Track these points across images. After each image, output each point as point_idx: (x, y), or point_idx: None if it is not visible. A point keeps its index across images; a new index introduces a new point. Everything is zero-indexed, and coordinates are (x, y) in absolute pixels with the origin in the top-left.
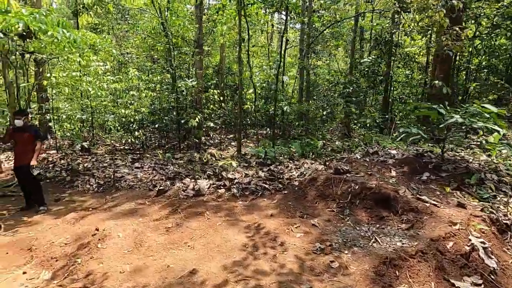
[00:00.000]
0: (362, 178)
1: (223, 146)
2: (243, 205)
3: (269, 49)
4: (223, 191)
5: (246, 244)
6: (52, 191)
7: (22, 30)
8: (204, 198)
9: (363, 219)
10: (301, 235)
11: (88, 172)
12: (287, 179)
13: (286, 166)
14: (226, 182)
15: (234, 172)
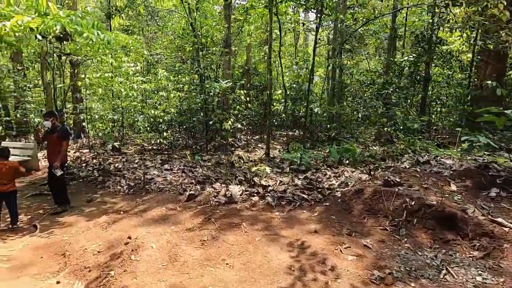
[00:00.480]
0: (417, 193)
1: (250, 148)
2: (281, 216)
3: (296, 48)
4: (256, 199)
5: (291, 266)
6: (85, 190)
7: (59, 32)
8: (237, 206)
9: (424, 242)
10: (353, 258)
11: (119, 173)
12: (327, 189)
13: (324, 173)
14: (259, 189)
15: (267, 178)
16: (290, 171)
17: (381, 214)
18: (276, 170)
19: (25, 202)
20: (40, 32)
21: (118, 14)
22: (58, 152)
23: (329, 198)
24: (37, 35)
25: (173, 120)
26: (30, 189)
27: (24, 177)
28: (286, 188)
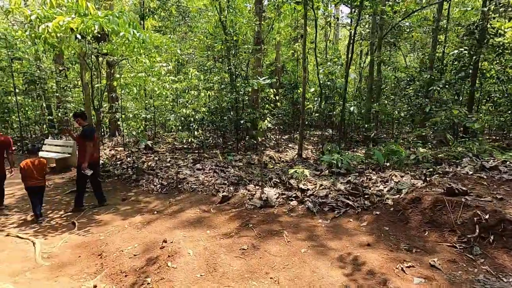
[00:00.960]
0: (491, 204)
1: (281, 148)
2: (325, 225)
3: (326, 45)
4: (295, 204)
5: (347, 286)
6: (120, 188)
7: (97, 32)
8: (274, 210)
9: (508, 265)
10: (420, 281)
11: (152, 172)
12: (375, 195)
13: (369, 177)
14: (297, 193)
15: (305, 181)
16: (329, 174)
17: (446, 228)
18: (313, 172)
19: (65, 198)
20: (79, 32)
21: (151, 15)
22: (84, 152)
23: (378, 206)
24: (77, 35)
25: (204, 119)
26: (69, 185)
27: (64, 174)
28: (327, 193)
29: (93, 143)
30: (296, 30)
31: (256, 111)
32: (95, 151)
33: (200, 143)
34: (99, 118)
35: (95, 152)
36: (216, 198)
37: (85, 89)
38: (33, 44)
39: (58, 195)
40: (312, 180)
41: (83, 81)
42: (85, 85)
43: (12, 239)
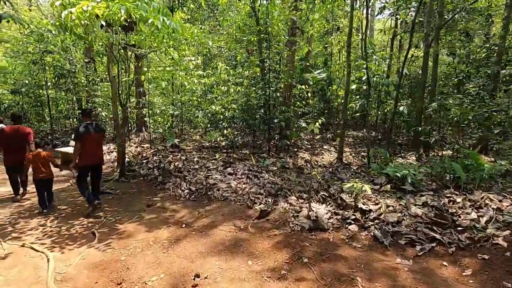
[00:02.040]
0: None
1: (317, 150)
2: (408, 268)
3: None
4: (355, 229)
5: None
6: (145, 192)
7: (124, 20)
8: (329, 236)
9: None
10: None
11: (179, 174)
12: (473, 228)
13: (451, 200)
14: (356, 214)
15: (364, 198)
16: (392, 190)
17: None
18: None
19: None
20: (105, 19)
21: (181, 8)
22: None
23: (483, 246)
24: (102, 22)
25: (235, 117)
26: None
27: None
28: (400, 219)
29: (82, 143)
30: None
31: (290, 109)
32: (94, 151)
33: (230, 143)
34: (126, 113)
35: (92, 153)
36: (252, 212)
37: (112, 83)
38: (59, 34)
39: (81, 196)
40: (372, 198)
41: (110, 74)
42: (112, 78)
43: (27, 251)
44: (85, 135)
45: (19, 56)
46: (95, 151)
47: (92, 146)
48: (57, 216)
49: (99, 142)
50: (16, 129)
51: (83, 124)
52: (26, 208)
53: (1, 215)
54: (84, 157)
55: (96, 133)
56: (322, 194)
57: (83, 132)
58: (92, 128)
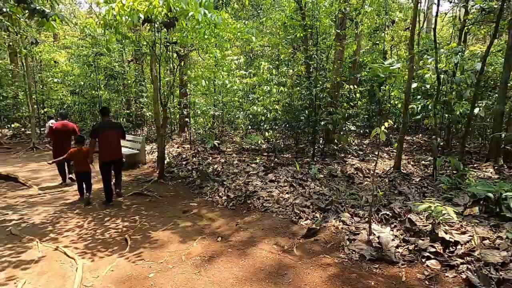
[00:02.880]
0: None
1: (368, 157)
2: None
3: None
4: (436, 266)
5: None
6: (182, 195)
7: (165, 14)
8: (400, 272)
9: None
10: None
11: (218, 179)
12: None
13: None
14: (435, 245)
15: (445, 225)
16: (482, 215)
17: None
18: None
19: (126, 202)
20: (146, 16)
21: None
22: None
23: None
24: (141, 14)
25: (278, 119)
26: (133, 185)
27: (132, 171)
28: (506, 259)
29: (93, 142)
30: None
31: (340, 111)
32: (110, 148)
33: (272, 146)
34: (166, 113)
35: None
36: (297, 228)
37: (154, 82)
38: (105, 33)
39: (120, 197)
40: (454, 224)
41: (153, 73)
42: (154, 77)
43: (59, 256)
44: (101, 132)
45: (77, 60)
46: (113, 148)
47: (109, 143)
48: (95, 216)
49: (117, 139)
50: (63, 124)
51: (101, 122)
52: (69, 206)
53: (44, 213)
54: (103, 154)
55: (113, 131)
56: (384, 213)
57: (99, 129)
58: (109, 126)
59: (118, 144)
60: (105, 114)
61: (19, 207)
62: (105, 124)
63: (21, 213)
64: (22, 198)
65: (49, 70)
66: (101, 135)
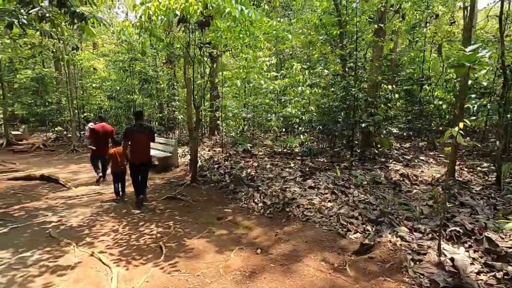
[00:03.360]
0: None
1: (413, 162)
2: None
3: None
4: None
5: None
6: (216, 200)
7: (200, 12)
8: None
9: None
10: None
11: (252, 184)
12: None
13: None
14: None
15: None
16: None
17: None
18: None
19: (160, 206)
20: (182, 15)
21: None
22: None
23: None
24: (177, 11)
25: (313, 121)
26: (166, 188)
27: (165, 174)
28: None
29: (125, 143)
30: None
31: (381, 112)
32: (139, 150)
33: (307, 150)
34: (199, 116)
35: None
36: (346, 242)
37: (187, 85)
38: (140, 36)
39: (154, 200)
40: None
41: (186, 75)
42: (188, 80)
43: (94, 263)
44: (132, 135)
45: (114, 66)
46: (142, 150)
47: (139, 145)
48: (129, 221)
49: (146, 142)
50: (102, 126)
51: (133, 125)
52: (105, 209)
53: (82, 215)
54: (133, 155)
55: (143, 134)
56: (453, 229)
57: (130, 132)
58: (140, 129)
59: (147, 146)
60: (139, 118)
61: (59, 209)
62: (137, 127)
63: (60, 214)
64: (61, 199)
65: (88, 77)
66: (132, 137)
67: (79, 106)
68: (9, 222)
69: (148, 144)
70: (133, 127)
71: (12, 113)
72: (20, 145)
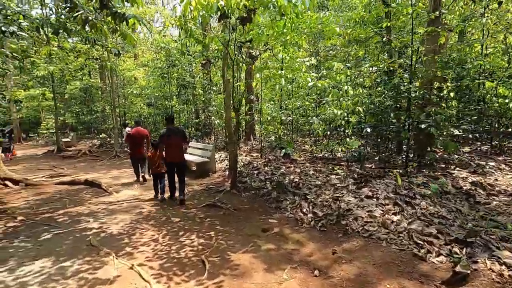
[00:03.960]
0: None
1: (482, 168)
2: None
3: None
4: None
5: None
6: (258, 209)
7: (243, 6)
8: None
9: None
10: None
11: (298, 192)
12: None
13: None
14: None
15: None
16: None
17: None
18: None
19: (199, 214)
20: (223, 10)
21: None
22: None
23: None
24: (222, 2)
25: (362, 122)
26: (205, 195)
27: (202, 179)
28: None
29: (161, 146)
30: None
31: (442, 111)
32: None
33: (356, 155)
34: (238, 119)
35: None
36: (427, 268)
37: (226, 86)
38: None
39: (194, 207)
40: None
41: (225, 76)
42: (227, 81)
43: (133, 277)
44: (166, 137)
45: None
46: (176, 151)
47: (172, 147)
48: (169, 230)
49: (179, 143)
50: (138, 130)
51: (166, 129)
52: (144, 216)
53: (122, 222)
54: (167, 156)
55: (175, 136)
56: None
57: (164, 135)
58: (172, 132)
59: (180, 148)
60: (170, 122)
61: (100, 215)
62: (169, 131)
63: (101, 221)
64: (103, 204)
65: (130, 86)
66: (166, 140)
67: (120, 114)
68: (53, 227)
69: (181, 145)
70: (166, 131)
71: (63, 122)
72: (69, 151)
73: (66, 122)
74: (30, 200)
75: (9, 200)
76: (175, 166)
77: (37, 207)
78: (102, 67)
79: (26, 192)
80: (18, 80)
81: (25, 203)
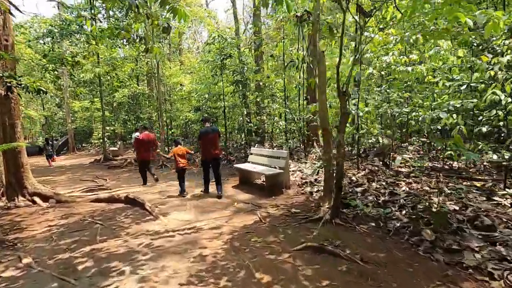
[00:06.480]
0: None
1: None
2: None
3: None
4: None
5: None
6: (404, 260)
7: None
8: None
9: None
10: None
11: (475, 233)
12: None
13: None
14: None
15: None
16: None
17: None
18: None
19: (301, 267)
20: None
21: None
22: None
23: None
24: None
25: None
26: (292, 225)
27: (276, 197)
28: None
29: (201, 143)
30: None
31: None
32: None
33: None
34: (346, 109)
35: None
36: None
37: (318, 63)
38: None
39: (284, 250)
40: None
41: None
42: (320, 54)
43: None
44: (203, 136)
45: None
46: (211, 149)
47: (208, 144)
48: None
49: (214, 141)
50: (147, 135)
51: (202, 129)
52: (209, 264)
53: (174, 278)
54: (203, 153)
55: (210, 135)
56: None
57: (202, 134)
58: (208, 131)
59: (215, 145)
60: (206, 122)
61: (140, 258)
62: (205, 130)
63: (141, 274)
64: (146, 237)
65: (176, 93)
66: (203, 138)
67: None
68: (67, 285)
69: (216, 143)
70: (202, 131)
71: (113, 131)
72: (115, 160)
73: (116, 131)
74: (53, 226)
75: (29, 225)
76: (212, 161)
77: (58, 238)
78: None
79: (54, 212)
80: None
81: (46, 230)
